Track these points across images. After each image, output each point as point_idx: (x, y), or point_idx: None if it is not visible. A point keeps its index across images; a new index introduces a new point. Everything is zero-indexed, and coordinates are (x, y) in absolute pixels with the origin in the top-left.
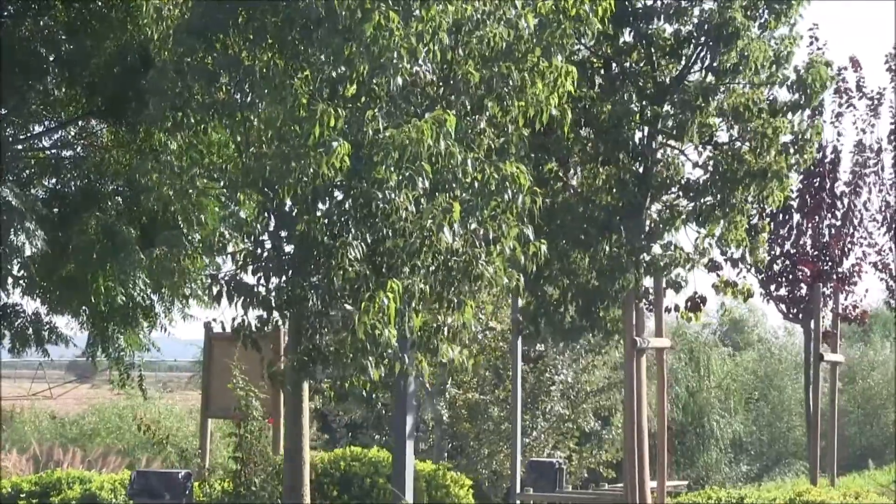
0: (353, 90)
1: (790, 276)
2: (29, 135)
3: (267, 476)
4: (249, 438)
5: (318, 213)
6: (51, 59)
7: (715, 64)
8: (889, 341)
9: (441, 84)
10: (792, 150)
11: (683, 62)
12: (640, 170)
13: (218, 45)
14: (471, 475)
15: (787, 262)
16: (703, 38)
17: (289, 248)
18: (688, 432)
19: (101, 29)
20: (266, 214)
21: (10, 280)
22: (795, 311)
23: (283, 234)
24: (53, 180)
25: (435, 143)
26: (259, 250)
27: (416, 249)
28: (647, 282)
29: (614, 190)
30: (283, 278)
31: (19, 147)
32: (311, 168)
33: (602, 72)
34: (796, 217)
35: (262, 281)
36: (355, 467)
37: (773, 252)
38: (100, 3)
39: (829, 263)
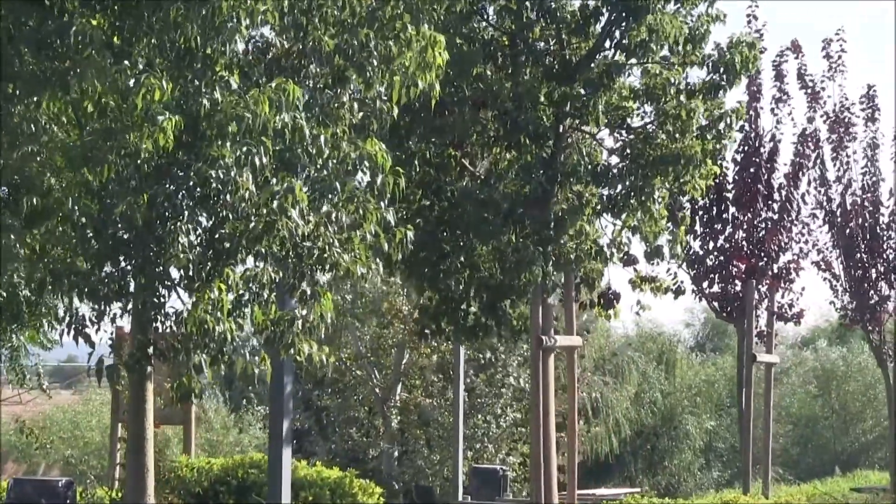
0: (189, 58)
1: (723, 272)
2: None
3: (157, 483)
4: None
5: (144, 195)
6: None
7: (624, 41)
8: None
9: (295, 53)
10: (709, 136)
11: (594, 40)
12: (547, 155)
13: (55, 11)
14: (423, 481)
15: (721, 257)
16: (612, 14)
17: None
18: (660, 435)
19: None
20: (90, 195)
21: None
22: (729, 308)
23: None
24: None
25: (275, 116)
26: (84, 234)
27: (258, 234)
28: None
29: (518, 176)
30: (115, 266)
31: None
32: (133, 145)
33: (509, 50)
34: (731, 209)
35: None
36: (253, 475)
37: (705, 247)
38: None
39: (765, 259)
